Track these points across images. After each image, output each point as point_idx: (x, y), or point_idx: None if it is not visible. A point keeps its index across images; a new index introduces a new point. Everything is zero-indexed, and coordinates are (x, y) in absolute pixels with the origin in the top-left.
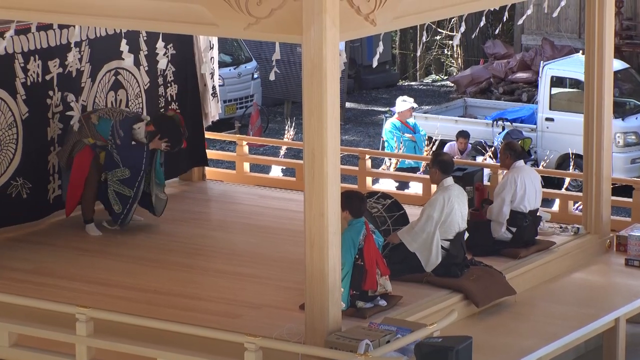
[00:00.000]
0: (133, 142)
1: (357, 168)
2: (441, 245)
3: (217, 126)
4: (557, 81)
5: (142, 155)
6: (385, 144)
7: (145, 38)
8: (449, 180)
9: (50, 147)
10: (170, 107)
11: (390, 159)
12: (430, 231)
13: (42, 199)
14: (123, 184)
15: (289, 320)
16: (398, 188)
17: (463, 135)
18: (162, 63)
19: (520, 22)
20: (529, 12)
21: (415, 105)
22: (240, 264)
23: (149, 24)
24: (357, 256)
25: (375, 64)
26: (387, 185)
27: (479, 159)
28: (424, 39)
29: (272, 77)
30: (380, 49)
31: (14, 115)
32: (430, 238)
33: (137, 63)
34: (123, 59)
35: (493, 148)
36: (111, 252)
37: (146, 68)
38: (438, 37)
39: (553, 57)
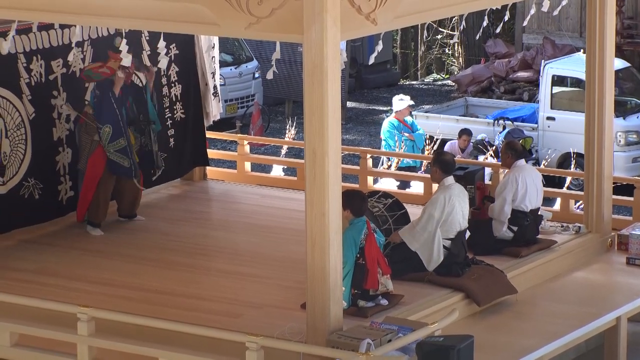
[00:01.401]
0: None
1: (358, 167)
2: (442, 245)
3: (218, 126)
4: (558, 80)
5: (109, 102)
6: (384, 143)
7: (147, 38)
8: (450, 179)
9: (58, 147)
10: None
11: (389, 158)
12: (431, 230)
13: (53, 200)
14: (114, 141)
15: (291, 320)
16: (399, 187)
17: (466, 132)
18: (163, 63)
19: (525, 23)
20: (532, 12)
21: (412, 103)
22: (241, 263)
23: (150, 23)
24: (358, 255)
25: (371, 61)
26: (388, 185)
27: (481, 158)
28: (424, 37)
29: (269, 76)
30: (380, 47)
31: (21, 115)
32: (431, 237)
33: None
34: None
35: (494, 147)
36: (113, 252)
37: (148, 67)
38: (439, 37)
39: (554, 56)
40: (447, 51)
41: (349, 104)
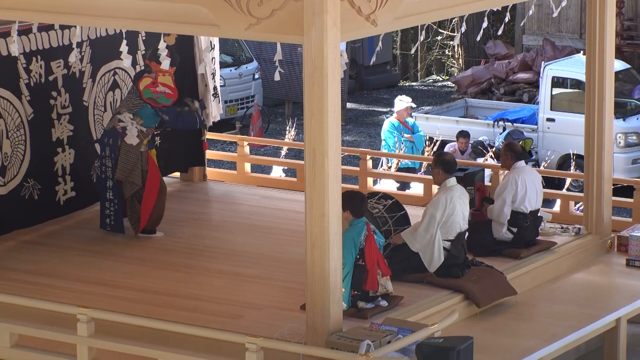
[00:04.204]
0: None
1: (358, 168)
2: (442, 246)
3: (218, 127)
4: (558, 82)
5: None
6: (383, 144)
7: (144, 38)
8: (452, 180)
9: (57, 148)
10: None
11: (389, 159)
12: (432, 231)
13: (51, 201)
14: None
15: (290, 321)
16: (399, 188)
17: (463, 135)
18: (165, 64)
19: (522, 24)
20: (530, 12)
21: (413, 105)
22: (241, 264)
23: (151, 24)
24: (358, 256)
25: (372, 61)
26: (388, 186)
27: (480, 160)
28: (421, 38)
29: (277, 77)
30: (379, 47)
31: (21, 116)
32: (432, 238)
33: (134, 63)
34: (122, 60)
35: (494, 148)
36: (112, 253)
37: (142, 67)
38: (439, 38)
39: (554, 57)
40: (447, 52)
41: (349, 105)
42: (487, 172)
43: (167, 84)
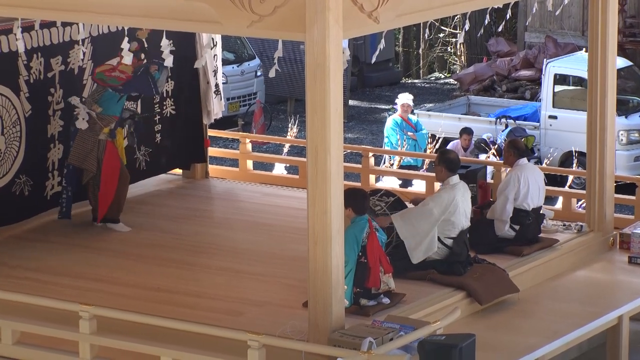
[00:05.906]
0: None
1: (360, 166)
2: (444, 243)
3: (220, 124)
4: (560, 79)
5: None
6: (386, 141)
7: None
8: (455, 178)
9: (50, 144)
10: None
11: (391, 157)
12: (425, 227)
13: (40, 196)
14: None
15: (292, 318)
16: (401, 186)
17: (467, 132)
18: (169, 61)
19: (527, 22)
20: (534, 10)
21: (410, 103)
22: (243, 261)
23: (153, 21)
24: (360, 254)
25: (373, 59)
26: (390, 183)
27: (482, 157)
28: (425, 36)
29: (272, 74)
30: (382, 45)
31: (18, 112)
32: (425, 233)
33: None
34: (123, 57)
35: (496, 145)
36: (114, 250)
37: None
38: (441, 35)
39: (556, 54)
40: (449, 50)
41: (351, 102)
42: (490, 169)
43: (125, 71)
